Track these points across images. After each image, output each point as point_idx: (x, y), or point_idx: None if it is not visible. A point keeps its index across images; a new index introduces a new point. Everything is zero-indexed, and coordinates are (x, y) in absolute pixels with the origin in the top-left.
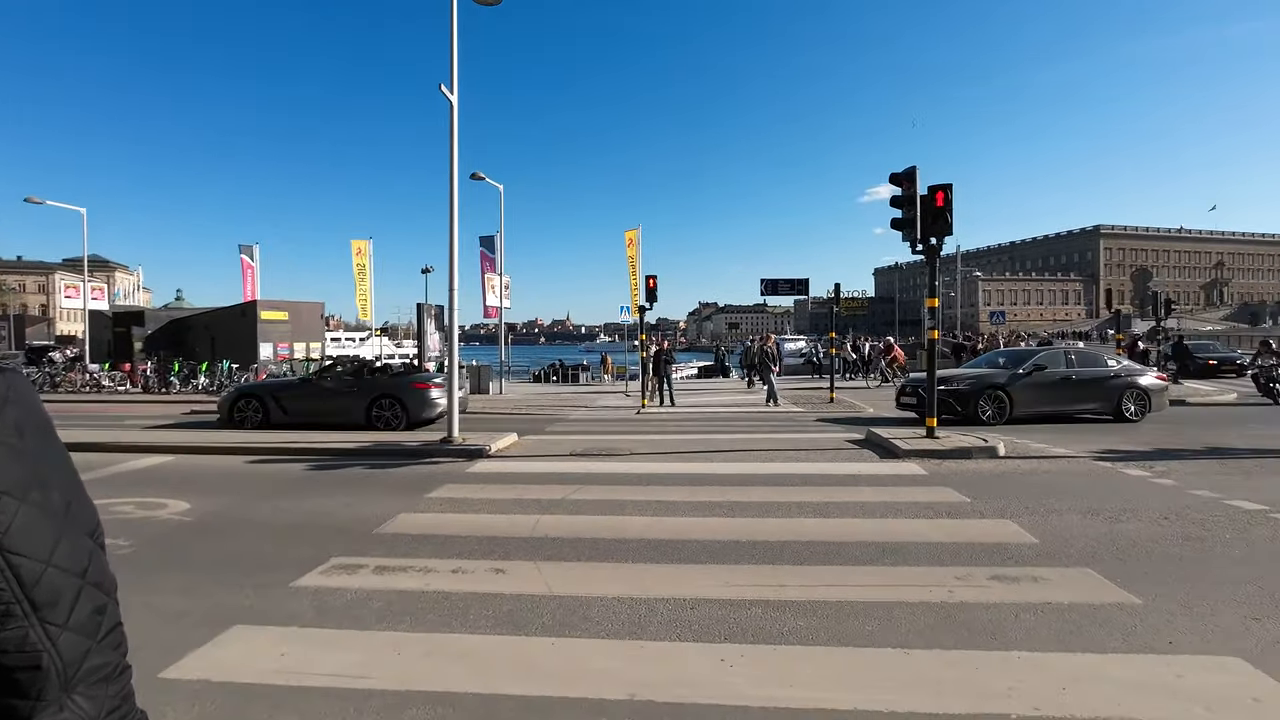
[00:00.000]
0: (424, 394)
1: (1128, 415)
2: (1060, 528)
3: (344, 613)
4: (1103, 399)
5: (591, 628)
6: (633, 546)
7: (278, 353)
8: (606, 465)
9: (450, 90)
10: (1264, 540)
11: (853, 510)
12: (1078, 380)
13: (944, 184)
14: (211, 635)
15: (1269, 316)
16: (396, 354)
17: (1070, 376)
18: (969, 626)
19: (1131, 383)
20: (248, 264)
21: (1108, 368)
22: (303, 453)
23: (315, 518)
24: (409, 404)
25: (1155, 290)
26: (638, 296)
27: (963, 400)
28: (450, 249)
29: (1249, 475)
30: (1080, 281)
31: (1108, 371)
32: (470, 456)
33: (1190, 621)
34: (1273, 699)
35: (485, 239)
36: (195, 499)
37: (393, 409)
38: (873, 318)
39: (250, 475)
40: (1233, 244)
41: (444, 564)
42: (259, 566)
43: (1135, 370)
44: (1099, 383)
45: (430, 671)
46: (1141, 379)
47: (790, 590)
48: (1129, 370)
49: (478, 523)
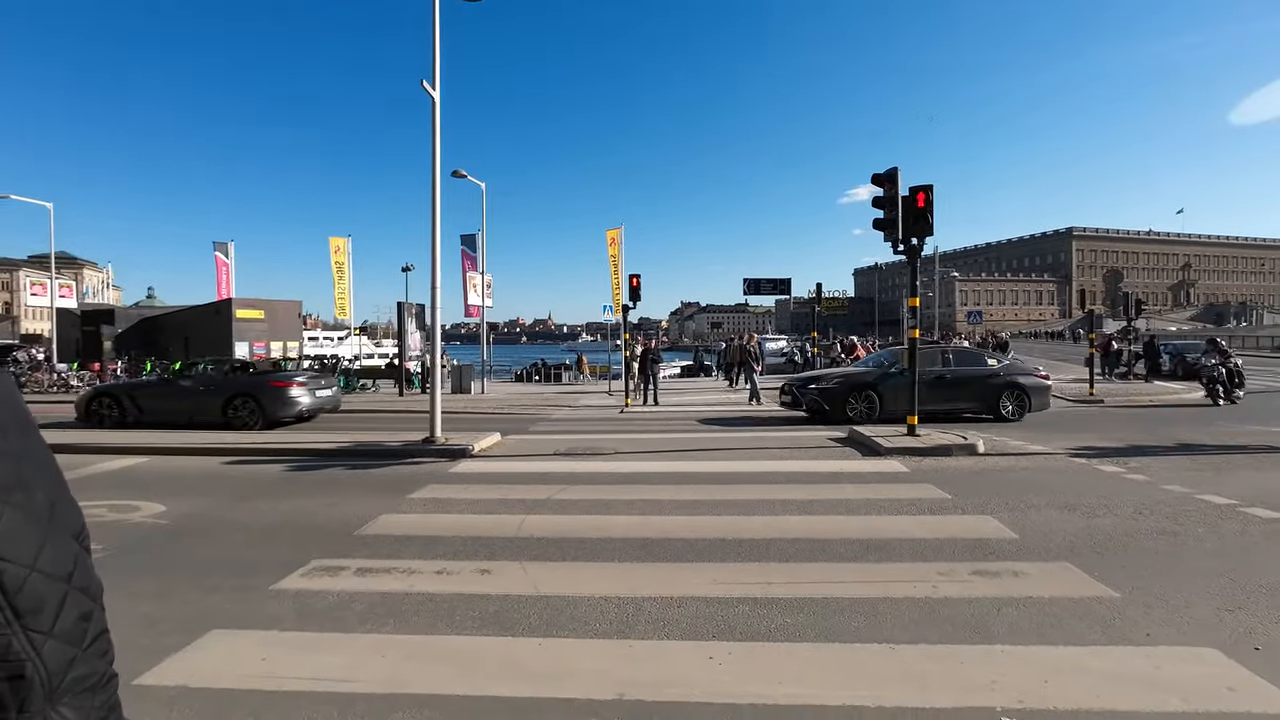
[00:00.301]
0: (282, 393)
1: (1005, 414)
2: (1039, 523)
3: (326, 615)
4: (980, 398)
5: (579, 627)
6: (619, 545)
7: (254, 352)
8: (591, 464)
9: (432, 86)
10: (1234, 534)
11: (837, 507)
12: (953, 379)
13: (925, 185)
14: (189, 640)
15: (1232, 317)
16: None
17: (945, 375)
18: (953, 621)
19: (1011, 382)
20: (222, 261)
21: (986, 367)
22: (281, 453)
23: (295, 519)
24: (265, 403)
25: (1126, 291)
26: (620, 296)
27: (830, 399)
28: (432, 247)
29: (1219, 471)
30: (1054, 282)
31: (986, 370)
32: (453, 456)
33: (1166, 614)
34: (1246, 688)
35: (466, 237)
36: (171, 501)
37: (249, 408)
38: (852, 317)
39: (227, 476)
40: (1199, 246)
41: (428, 565)
42: (237, 569)
43: (1017, 369)
44: (977, 381)
45: (416, 674)
46: (1022, 378)
47: (777, 587)
48: (1010, 369)
49: (462, 523)
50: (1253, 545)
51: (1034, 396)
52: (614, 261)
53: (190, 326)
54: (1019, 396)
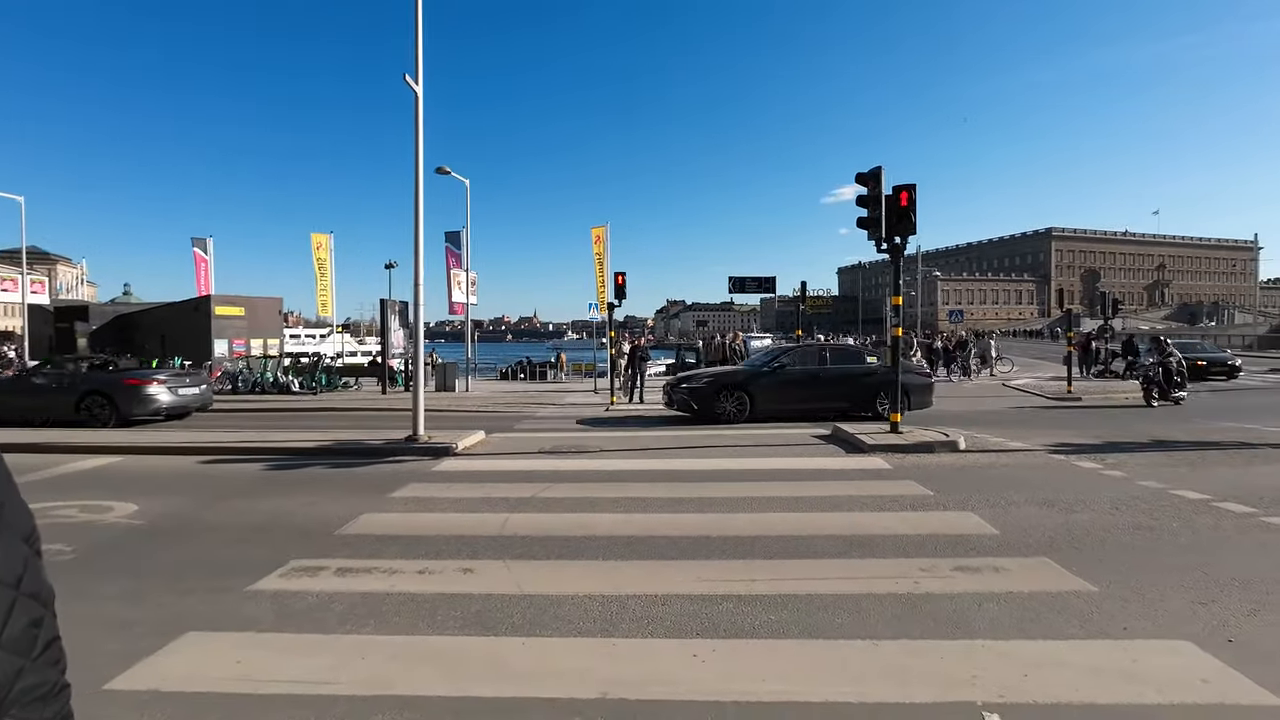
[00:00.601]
0: (137, 391)
1: (883, 413)
2: (1019, 519)
3: (305, 617)
4: (856, 396)
5: (563, 626)
6: (603, 544)
7: (233, 349)
8: (576, 463)
9: (415, 81)
10: (1207, 528)
11: (820, 504)
12: (827, 377)
13: (908, 184)
14: (162, 643)
15: (1205, 316)
16: (360, 351)
17: (818, 374)
18: (934, 617)
19: (889, 380)
20: (201, 257)
21: (864, 364)
22: (260, 452)
23: (273, 519)
24: (119, 401)
25: (1103, 291)
26: (605, 293)
27: (699, 398)
28: (415, 243)
29: (1193, 467)
30: (1034, 282)
31: (863, 368)
32: (436, 455)
33: (1142, 607)
34: (1219, 679)
35: (451, 234)
36: (145, 501)
37: (102, 406)
38: (837, 316)
39: (204, 476)
40: (1173, 247)
41: (410, 565)
42: (213, 571)
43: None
44: (852, 379)
45: (397, 675)
46: (901, 376)
47: (761, 584)
48: (890, 367)
49: (445, 522)
50: (1225, 539)
51: (914, 395)
52: (599, 259)
53: (167, 324)
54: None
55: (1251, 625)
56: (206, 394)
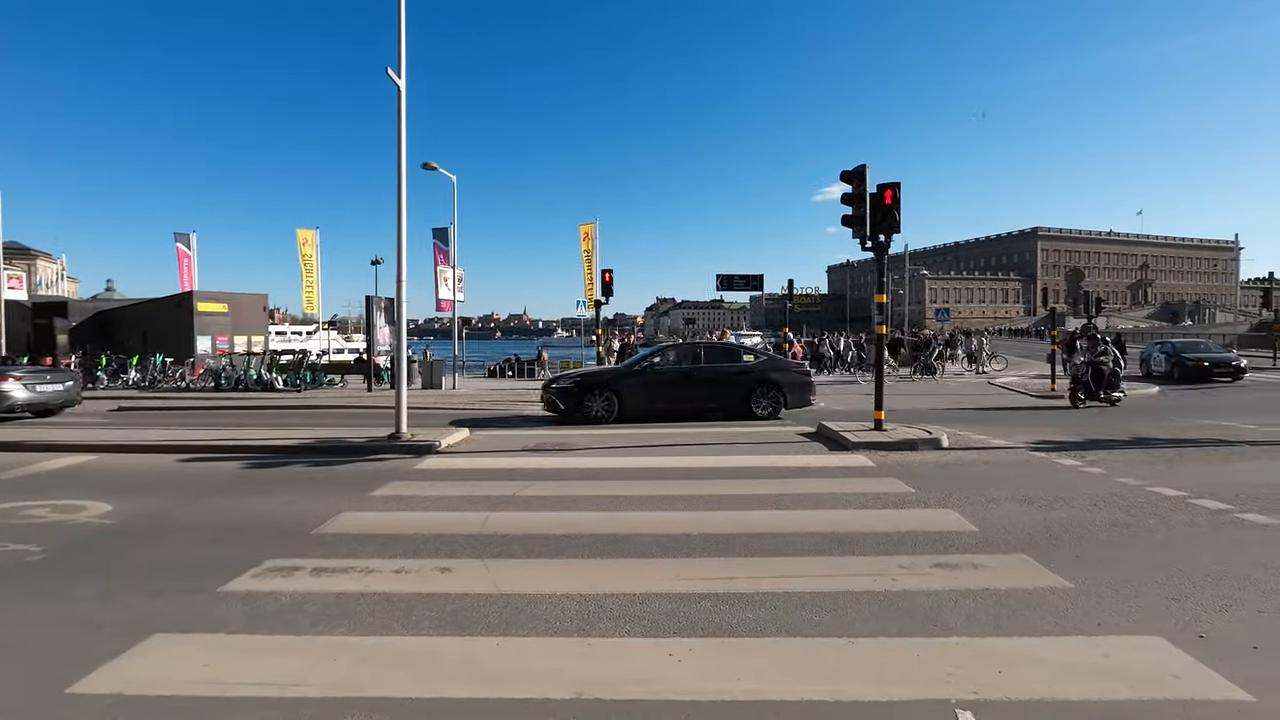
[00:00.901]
0: None
1: (757, 412)
2: (999, 516)
3: (277, 618)
4: (729, 396)
5: (539, 626)
6: (584, 542)
7: (216, 346)
8: (559, 460)
9: (398, 75)
10: (1182, 525)
11: (802, 502)
12: (700, 377)
13: (893, 182)
14: (128, 646)
15: (1187, 315)
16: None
17: (691, 373)
18: (912, 614)
19: (765, 379)
20: (184, 253)
21: (739, 363)
22: (240, 450)
23: (250, 518)
24: None
25: (1087, 290)
26: (593, 291)
27: (565, 398)
28: (398, 240)
29: (1171, 464)
30: (1020, 281)
31: (738, 367)
32: (419, 453)
33: (1116, 603)
34: (1189, 674)
35: (438, 231)
36: (119, 500)
37: None
38: (825, 314)
39: (181, 475)
40: (1156, 247)
41: (387, 564)
42: (186, 571)
43: (773, 366)
44: (726, 379)
45: (369, 677)
46: (776, 374)
47: (740, 582)
48: (766, 366)
49: (424, 521)
50: (1200, 536)
51: (790, 394)
52: (587, 256)
53: (149, 320)
54: (772, 394)
55: (1223, 621)
56: (72, 390)
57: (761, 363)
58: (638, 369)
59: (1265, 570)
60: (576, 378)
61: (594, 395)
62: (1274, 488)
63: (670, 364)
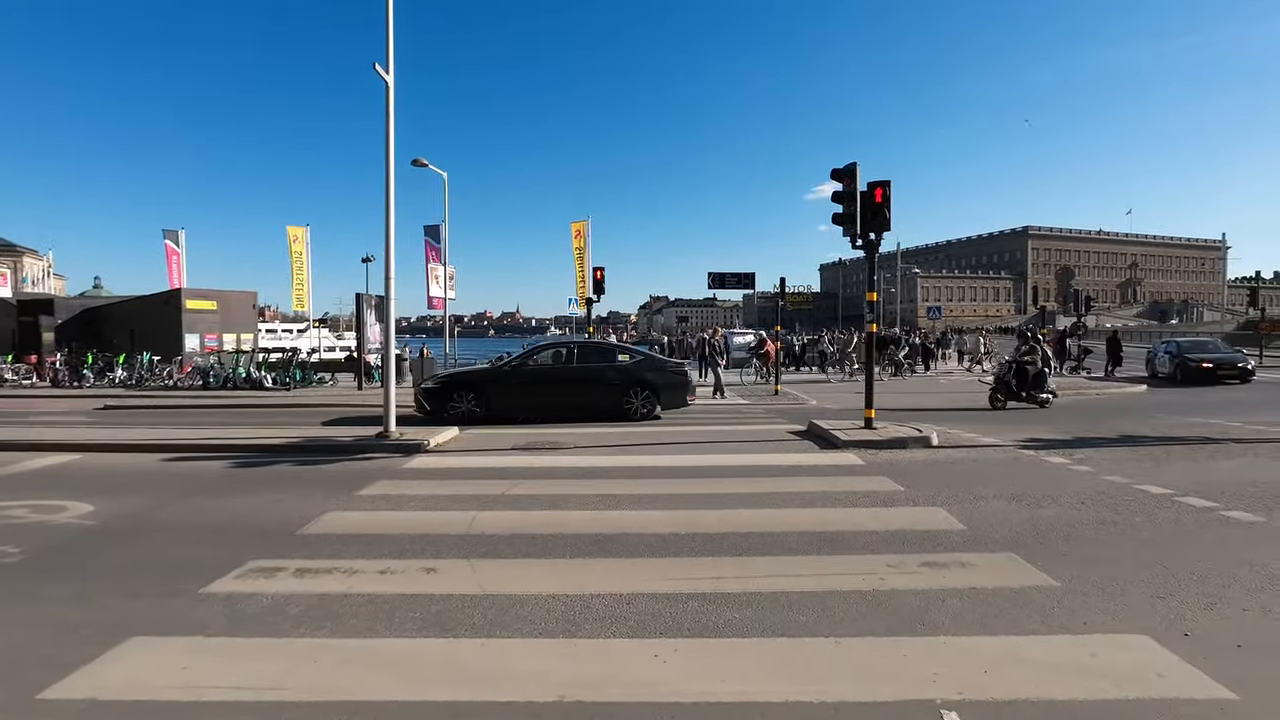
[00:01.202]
0: None
1: (630, 414)
2: (987, 514)
3: (258, 620)
4: (600, 397)
5: (524, 627)
6: (571, 541)
7: (205, 344)
8: (548, 459)
9: (386, 70)
10: (1169, 523)
11: (792, 500)
12: (571, 377)
13: (882, 181)
14: (105, 649)
15: (1175, 314)
16: (338, 345)
17: (561, 373)
18: (899, 613)
19: (639, 379)
20: (173, 250)
21: (613, 364)
22: (226, 449)
23: (234, 519)
24: None
25: (1077, 289)
26: (585, 289)
27: (430, 398)
28: (386, 237)
29: (1158, 462)
30: (1010, 279)
31: (609, 367)
32: (407, 451)
33: (1102, 602)
34: (1174, 673)
35: (430, 228)
36: (101, 500)
37: None
38: (818, 312)
39: (164, 474)
40: (1145, 246)
41: (371, 564)
42: (167, 573)
43: (648, 366)
44: (597, 380)
45: (350, 680)
46: (651, 374)
47: (728, 582)
48: (642, 366)
49: (411, 520)
50: (1185, 534)
51: (664, 394)
52: (579, 254)
53: (137, 318)
54: (647, 395)
55: (1208, 619)
56: None
57: (636, 363)
58: (507, 369)
59: (1250, 568)
60: (444, 378)
61: (460, 396)
62: (1259, 485)
63: (542, 364)
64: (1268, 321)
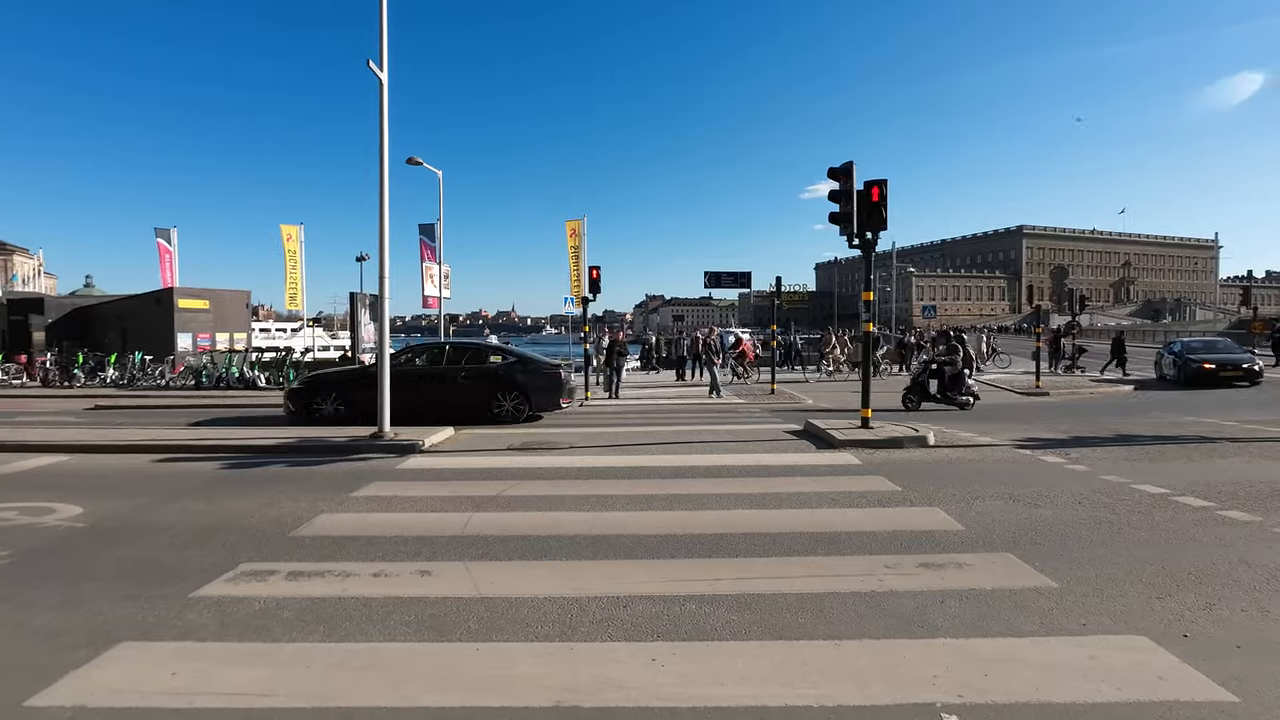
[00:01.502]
0: None
1: (499, 415)
2: (984, 514)
3: (249, 624)
4: (470, 398)
5: (520, 630)
6: (567, 543)
7: (197, 344)
8: (545, 459)
9: (380, 68)
10: (1165, 522)
11: (789, 501)
12: (440, 378)
13: (879, 179)
14: (94, 655)
15: (1168, 312)
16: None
17: (430, 375)
18: (897, 615)
19: (509, 381)
20: (165, 248)
21: (484, 365)
22: (217, 450)
23: (226, 521)
24: None
25: (1071, 288)
26: (581, 288)
27: (294, 399)
28: (380, 235)
29: (1154, 461)
30: (1005, 279)
31: (482, 369)
32: (402, 452)
33: (1101, 602)
34: (1174, 675)
35: (425, 227)
36: (90, 502)
37: None
38: (813, 311)
39: (156, 475)
40: (1139, 245)
41: (365, 567)
42: (157, 576)
43: (520, 368)
44: (469, 381)
45: (342, 685)
46: (522, 376)
47: (725, 584)
48: (513, 368)
49: (405, 522)
50: (1182, 533)
51: (535, 395)
52: (574, 253)
53: (128, 317)
54: (517, 396)
55: (1206, 619)
56: None
57: (508, 364)
58: (373, 371)
59: (1248, 568)
60: (308, 379)
61: (323, 397)
62: (1254, 485)
63: (409, 365)
64: (1259, 320)
